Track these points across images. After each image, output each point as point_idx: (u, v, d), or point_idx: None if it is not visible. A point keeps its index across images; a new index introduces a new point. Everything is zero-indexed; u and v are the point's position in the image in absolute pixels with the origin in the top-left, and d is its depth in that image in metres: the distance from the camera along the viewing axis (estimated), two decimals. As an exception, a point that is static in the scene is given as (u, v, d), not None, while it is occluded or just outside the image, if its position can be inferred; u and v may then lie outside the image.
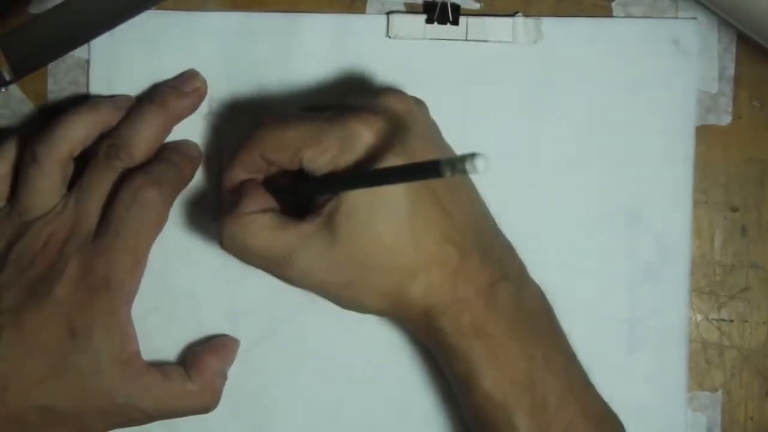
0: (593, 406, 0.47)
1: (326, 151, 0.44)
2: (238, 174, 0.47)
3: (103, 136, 0.48)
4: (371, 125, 0.44)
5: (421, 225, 0.44)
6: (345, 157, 0.44)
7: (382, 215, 0.44)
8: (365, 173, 0.43)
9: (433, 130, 0.47)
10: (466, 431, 0.48)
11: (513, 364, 0.45)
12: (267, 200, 0.46)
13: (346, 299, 0.46)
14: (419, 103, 0.46)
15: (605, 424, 0.47)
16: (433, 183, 0.44)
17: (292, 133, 0.45)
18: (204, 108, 0.51)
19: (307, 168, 0.45)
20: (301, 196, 0.47)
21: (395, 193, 0.43)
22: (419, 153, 0.44)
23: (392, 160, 0.43)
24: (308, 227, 0.44)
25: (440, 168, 0.37)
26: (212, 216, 0.50)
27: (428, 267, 0.44)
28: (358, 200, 0.43)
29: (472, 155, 0.36)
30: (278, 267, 0.45)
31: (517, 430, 0.45)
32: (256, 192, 0.46)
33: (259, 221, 0.45)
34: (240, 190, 0.46)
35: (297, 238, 0.44)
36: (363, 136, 0.44)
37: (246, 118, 0.50)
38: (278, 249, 0.45)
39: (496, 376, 0.45)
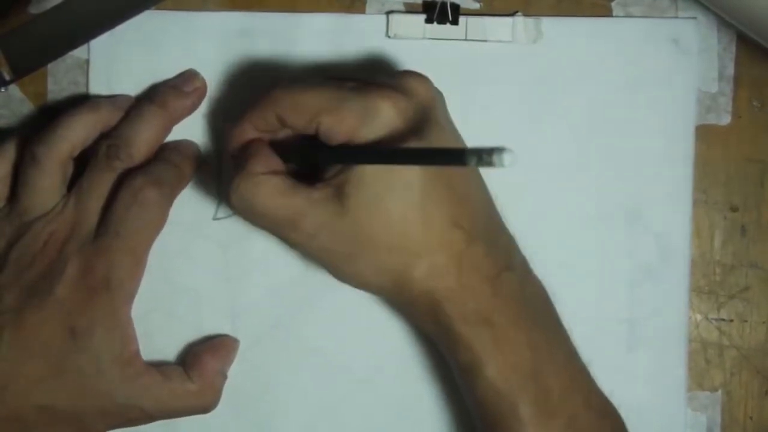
0: (596, 398, 0.47)
1: (344, 120, 0.44)
2: (247, 131, 0.46)
3: (103, 136, 0.48)
4: (394, 103, 0.44)
5: (431, 207, 0.44)
6: (363, 130, 0.43)
7: (394, 192, 0.43)
8: (388, 150, 0.43)
9: (450, 121, 0.47)
10: (467, 430, 0.48)
11: (517, 353, 0.45)
12: (276, 162, 0.45)
13: (346, 271, 0.45)
14: (440, 93, 0.46)
15: (607, 418, 0.47)
16: (448, 168, 0.44)
17: (313, 96, 0.45)
18: (204, 108, 0.51)
19: (322, 136, 0.44)
20: (309, 162, 0.46)
21: (409, 172, 0.43)
22: (436, 140, 0.44)
23: (412, 142, 0.43)
24: (318, 194, 0.44)
25: (465, 157, 0.37)
26: (214, 214, 0.51)
27: (434, 249, 0.44)
28: (371, 174, 0.43)
29: (501, 149, 0.36)
30: (284, 229, 0.45)
31: (521, 418, 0.44)
32: (266, 152, 0.46)
33: (270, 182, 0.44)
34: (247, 149, 0.46)
35: (306, 204, 0.44)
36: (384, 112, 0.43)
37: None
38: (286, 212, 0.44)
39: (501, 364, 0.44)
